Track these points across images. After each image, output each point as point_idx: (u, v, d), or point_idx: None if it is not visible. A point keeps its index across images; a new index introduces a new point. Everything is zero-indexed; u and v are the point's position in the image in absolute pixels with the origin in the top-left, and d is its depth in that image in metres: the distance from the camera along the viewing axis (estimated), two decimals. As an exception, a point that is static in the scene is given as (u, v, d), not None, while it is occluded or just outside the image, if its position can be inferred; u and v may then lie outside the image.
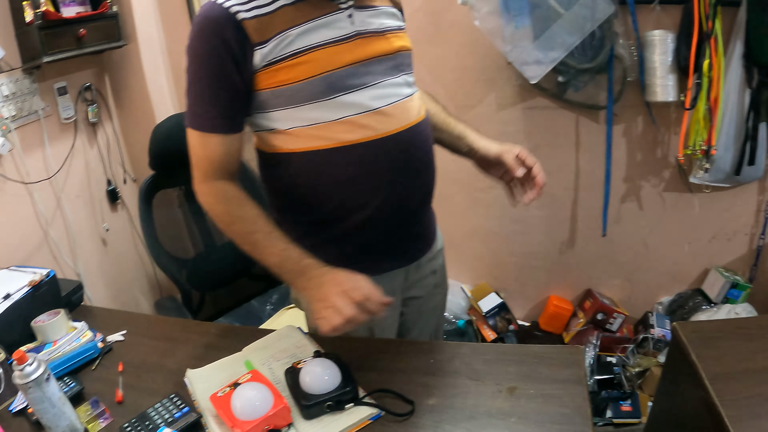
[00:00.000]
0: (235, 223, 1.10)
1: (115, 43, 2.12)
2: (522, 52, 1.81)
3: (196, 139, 1.08)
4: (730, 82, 1.85)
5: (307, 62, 1.00)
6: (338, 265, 1.06)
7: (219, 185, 1.10)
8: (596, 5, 1.76)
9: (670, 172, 1.99)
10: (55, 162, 2.09)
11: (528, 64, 1.82)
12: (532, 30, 1.80)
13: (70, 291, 1.70)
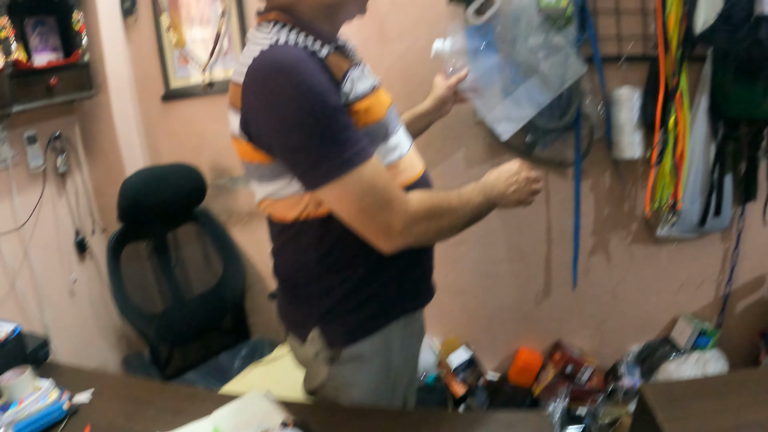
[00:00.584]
0: (443, 203, 1.06)
1: (86, 93, 2.12)
2: (493, 109, 1.84)
3: (370, 173, 0.96)
4: (696, 135, 1.90)
5: (371, 106, 1.02)
6: (388, 308, 1.13)
7: (416, 197, 1.02)
8: (568, 65, 1.80)
9: (638, 224, 2.02)
10: (23, 212, 2.06)
11: (499, 121, 1.85)
12: (502, 88, 1.84)
13: (36, 346, 1.66)
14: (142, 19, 2.26)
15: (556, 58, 1.77)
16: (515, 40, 1.79)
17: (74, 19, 2.07)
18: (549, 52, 1.79)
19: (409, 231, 0.99)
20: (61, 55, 2.12)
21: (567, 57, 1.78)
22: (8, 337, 1.53)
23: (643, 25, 1.89)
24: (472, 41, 1.65)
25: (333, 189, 0.94)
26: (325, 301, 1.10)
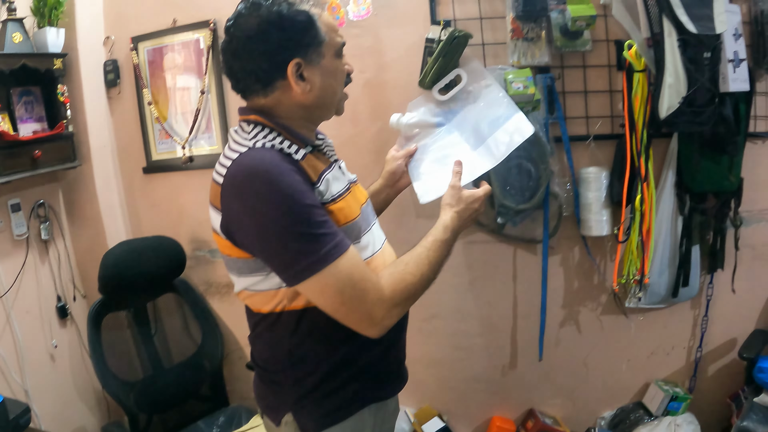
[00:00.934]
0: (414, 275, 1.08)
1: (70, 164, 2.16)
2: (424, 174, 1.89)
3: (347, 265, 0.99)
4: (663, 209, 1.95)
5: (344, 208, 1.08)
6: (360, 397, 1.16)
7: (389, 282, 1.05)
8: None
9: (607, 297, 2.07)
10: (6, 278, 2.09)
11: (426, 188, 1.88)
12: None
13: (18, 413, 1.71)
14: (125, 92, 2.32)
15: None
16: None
17: (59, 91, 2.12)
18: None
19: (389, 315, 1.04)
20: (45, 124, 2.17)
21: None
22: None
23: (611, 105, 1.96)
24: (433, 117, 1.65)
25: (313, 284, 0.98)
26: (298, 388, 1.13)
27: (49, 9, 2.08)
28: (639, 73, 1.80)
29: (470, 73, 1.64)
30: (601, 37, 1.91)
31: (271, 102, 1.09)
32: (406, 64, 1.95)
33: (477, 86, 1.59)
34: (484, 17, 1.92)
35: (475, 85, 1.60)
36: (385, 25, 2.00)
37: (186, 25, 2.17)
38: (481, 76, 1.60)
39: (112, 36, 2.29)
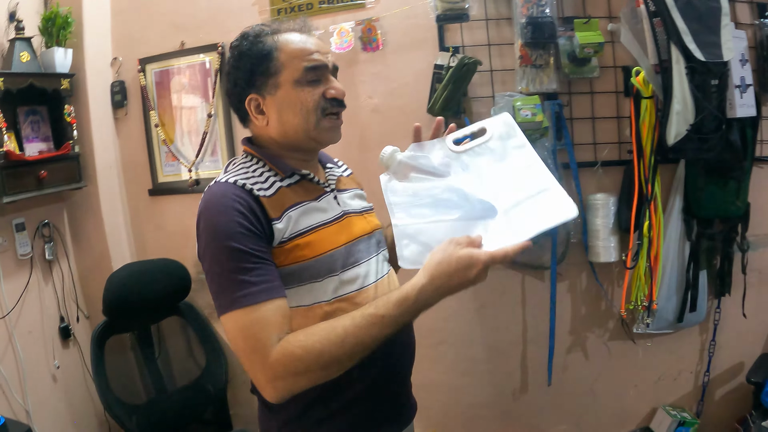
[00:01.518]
0: (311, 352, 0.94)
1: (75, 185, 2.16)
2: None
3: (246, 318, 0.95)
4: (671, 235, 1.95)
5: (314, 241, 1.04)
6: (354, 428, 1.12)
7: (279, 350, 0.94)
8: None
9: (614, 322, 2.06)
10: (9, 298, 2.08)
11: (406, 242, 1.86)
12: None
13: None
14: (132, 113, 2.32)
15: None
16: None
17: (66, 112, 2.12)
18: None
19: (274, 386, 0.95)
20: (51, 144, 2.17)
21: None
22: None
23: (618, 132, 1.96)
24: (437, 165, 1.20)
25: (224, 323, 0.98)
26: (284, 414, 1.11)
27: (57, 29, 2.09)
28: (646, 100, 1.81)
29: (498, 127, 1.19)
30: (608, 63, 1.92)
31: (255, 132, 1.14)
32: (415, 90, 1.96)
33: (504, 144, 1.18)
34: (492, 44, 1.93)
35: (502, 143, 1.19)
36: (393, 51, 2.01)
37: (194, 48, 2.18)
38: (512, 133, 1.19)
39: (119, 57, 2.30)
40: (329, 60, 1.09)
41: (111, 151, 2.33)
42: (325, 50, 1.11)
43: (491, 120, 1.18)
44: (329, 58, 1.09)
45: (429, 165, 1.15)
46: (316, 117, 1.06)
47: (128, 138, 2.35)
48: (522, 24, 1.84)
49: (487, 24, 1.92)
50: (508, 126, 1.18)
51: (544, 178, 1.08)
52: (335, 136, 1.11)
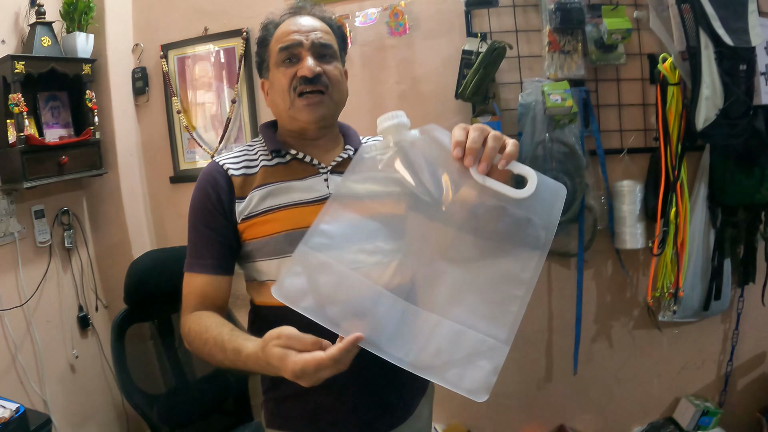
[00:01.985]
0: (197, 338, 1.05)
1: (96, 171, 2.14)
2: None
3: (186, 279, 1.12)
4: (695, 223, 1.94)
5: (274, 220, 1.07)
6: (302, 421, 1.13)
7: (195, 314, 1.09)
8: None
9: (639, 311, 2.05)
10: (28, 286, 2.05)
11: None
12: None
13: (38, 425, 1.67)
14: (153, 99, 2.31)
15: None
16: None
17: (87, 97, 2.09)
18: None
19: (185, 340, 1.10)
20: (71, 130, 2.14)
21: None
22: (12, 416, 1.55)
23: (644, 118, 1.96)
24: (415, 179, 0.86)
25: None
26: (264, 383, 1.18)
27: (80, 14, 2.07)
28: (673, 86, 1.80)
29: (545, 196, 0.79)
30: (634, 50, 1.91)
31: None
32: (442, 75, 1.95)
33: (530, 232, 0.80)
34: (520, 30, 1.92)
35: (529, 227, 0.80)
36: (421, 36, 2.01)
37: (218, 34, 2.16)
38: (550, 225, 0.79)
39: (141, 43, 2.28)
40: (309, 39, 1.09)
41: (132, 138, 2.31)
42: (307, 30, 1.10)
43: (548, 182, 0.79)
44: (310, 37, 1.09)
45: (405, 173, 0.83)
46: (290, 97, 1.09)
47: (149, 125, 2.33)
48: (551, 10, 1.84)
49: (514, 10, 1.91)
50: (555, 205, 0.78)
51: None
52: (311, 115, 1.09)
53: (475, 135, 0.80)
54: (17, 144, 1.89)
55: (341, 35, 1.19)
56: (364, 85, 2.06)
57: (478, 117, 1.87)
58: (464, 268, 0.81)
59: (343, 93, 1.15)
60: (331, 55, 1.11)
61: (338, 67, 1.13)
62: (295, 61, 1.09)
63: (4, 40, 1.98)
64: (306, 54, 1.08)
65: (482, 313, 0.77)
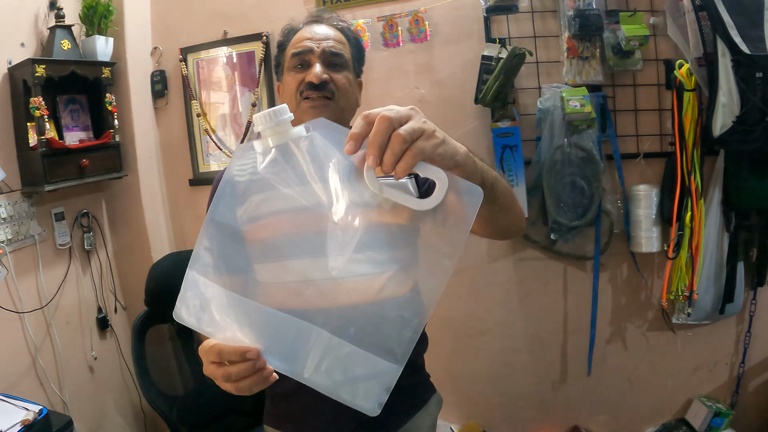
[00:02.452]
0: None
1: (116, 174, 2.15)
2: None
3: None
4: (710, 226, 1.96)
5: (268, 225, 1.02)
6: (291, 420, 1.16)
7: None
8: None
9: (654, 313, 2.07)
10: (48, 288, 2.07)
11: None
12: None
13: (60, 427, 1.68)
14: (173, 102, 2.33)
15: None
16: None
17: (107, 100, 2.11)
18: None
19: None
20: (91, 133, 2.16)
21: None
22: (36, 419, 1.57)
23: (660, 124, 1.98)
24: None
25: None
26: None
27: (99, 17, 2.08)
28: (689, 92, 1.82)
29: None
30: (650, 56, 1.93)
31: None
32: (462, 81, 1.97)
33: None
34: (538, 36, 1.94)
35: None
36: (440, 42, 2.02)
37: (237, 38, 2.18)
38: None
39: (159, 47, 2.30)
40: (320, 46, 1.13)
41: (151, 141, 2.33)
42: (320, 38, 1.14)
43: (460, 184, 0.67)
44: (322, 45, 1.13)
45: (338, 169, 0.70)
46: (296, 100, 1.13)
47: (168, 128, 2.35)
48: (570, 16, 1.85)
49: (532, 16, 1.93)
50: (467, 214, 0.67)
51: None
52: (313, 117, 1.06)
53: (382, 127, 0.64)
54: (38, 147, 1.90)
55: (357, 46, 1.22)
56: (383, 90, 2.08)
57: (497, 122, 1.89)
58: (359, 286, 0.73)
59: (351, 101, 1.17)
60: (342, 65, 1.15)
61: (347, 76, 1.15)
62: (305, 66, 1.13)
63: (23, 44, 1.99)
64: (316, 61, 1.12)
65: (376, 334, 0.70)
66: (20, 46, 1.98)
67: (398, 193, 0.66)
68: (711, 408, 2.07)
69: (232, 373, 0.71)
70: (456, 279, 2.14)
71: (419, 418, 1.24)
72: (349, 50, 1.17)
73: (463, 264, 2.12)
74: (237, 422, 2.11)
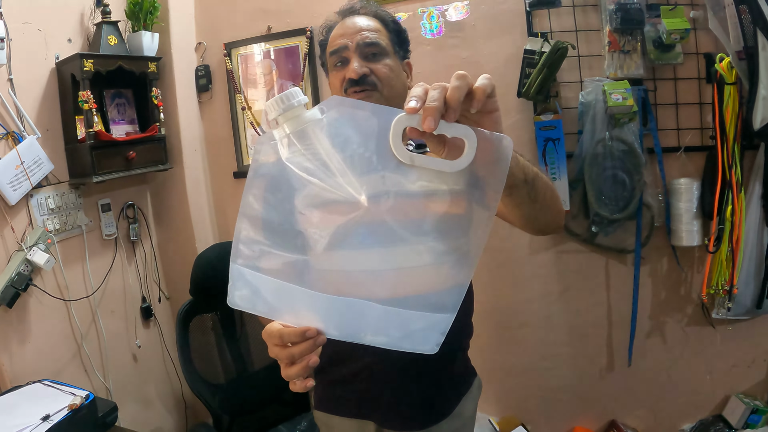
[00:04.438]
0: None
1: (162, 166, 2.20)
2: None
3: None
4: (750, 221, 1.95)
5: (299, 217, 0.99)
6: (346, 406, 1.19)
7: None
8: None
9: (694, 308, 2.06)
10: (95, 277, 2.12)
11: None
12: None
13: (105, 412, 1.72)
14: (217, 96, 2.37)
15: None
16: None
17: (153, 94, 2.15)
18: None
19: None
20: (136, 126, 2.21)
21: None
22: (83, 403, 1.60)
23: (700, 117, 1.98)
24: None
25: None
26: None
27: (145, 13, 2.13)
28: (730, 86, 1.82)
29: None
30: (690, 50, 1.93)
31: None
32: (504, 75, 1.98)
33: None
34: (579, 30, 1.95)
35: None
36: (482, 36, 2.04)
37: (281, 33, 2.21)
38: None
39: (204, 42, 2.35)
40: (354, 41, 1.14)
41: (195, 134, 2.37)
42: (352, 32, 1.15)
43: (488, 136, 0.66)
44: (355, 39, 1.14)
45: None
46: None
47: (213, 121, 2.39)
48: (611, 10, 1.87)
49: (574, 10, 1.94)
50: (499, 165, 0.67)
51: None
52: None
53: (435, 93, 0.62)
54: (87, 140, 1.95)
55: (396, 30, 1.22)
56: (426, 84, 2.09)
57: (540, 115, 1.90)
58: (397, 257, 0.72)
59: (397, 88, 1.17)
60: (380, 53, 1.15)
61: (388, 63, 1.15)
62: (344, 63, 1.15)
63: (70, 39, 2.05)
64: (352, 56, 1.13)
65: (428, 296, 0.72)
66: (67, 42, 2.03)
67: (428, 158, 0.65)
68: (748, 405, 2.06)
69: (294, 353, 0.72)
70: (497, 271, 2.15)
71: (466, 401, 1.27)
72: (386, 35, 1.18)
73: (505, 257, 2.14)
74: (277, 411, 2.14)
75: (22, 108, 1.84)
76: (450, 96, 0.62)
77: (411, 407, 1.17)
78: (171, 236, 2.39)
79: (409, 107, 0.62)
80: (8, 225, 1.80)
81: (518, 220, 0.97)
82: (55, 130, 1.98)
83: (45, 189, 1.92)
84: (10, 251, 1.81)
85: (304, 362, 0.72)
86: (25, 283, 1.81)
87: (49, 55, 1.97)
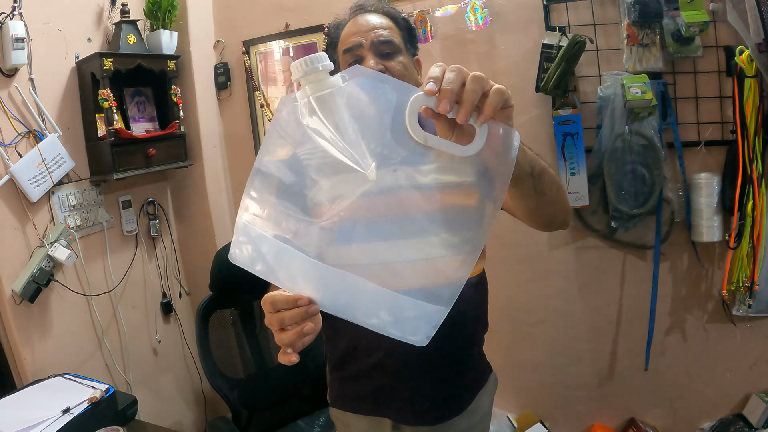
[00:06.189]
0: None
1: (182, 163, 2.22)
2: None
3: None
4: (770, 216, 1.94)
5: (311, 184, 1.00)
6: (362, 401, 1.20)
7: None
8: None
9: (713, 305, 2.04)
10: (115, 273, 2.15)
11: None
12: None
13: (125, 405, 1.74)
14: (236, 94, 2.39)
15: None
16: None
17: (173, 92, 2.18)
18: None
19: None
20: (156, 124, 2.23)
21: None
22: (103, 396, 1.62)
23: (721, 111, 1.95)
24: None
25: None
26: (332, 361, 1.27)
27: (164, 12, 2.16)
28: (750, 79, 1.80)
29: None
30: (710, 43, 1.91)
31: None
32: (522, 69, 1.98)
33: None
34: (597, 23, 1.94)
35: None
36: (499, 31, 2.04)
37: (299, 29, 2.22)
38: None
39: (222, 40, 2.36)
40: (369, 38, 1.12)
41: (215, 131, 2.40)
42: (366, 29, 1.13)
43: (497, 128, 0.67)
44: (370, 36, 1.13)
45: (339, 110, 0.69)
46: None
47: (232, 118, 2.41)
48: (629, 3, 1.85)
49: (591, 3, 1.93)
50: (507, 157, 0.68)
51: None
52: None
53: (452, 75, 0.63)
54: (107, 137, 1.97)
55: (407, 27, 1.22)
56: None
57: (558, 109, 1.90)
58: (400, 240, 0.73)
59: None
60: (394, 51, 1.14)
61: (402, 61, 1.15)
62: (359, 62, 1.13)
63: (90, 39, 2.07)
64: (367, 54, 1.12)
65: (424, 284, 0.72)
66: (87, 41, 2.06)
67: (440, 140, 0.66)
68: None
69: (285, 318, 0.72)
70: (516, 267, 2.14)
71: (481, 397, 1.27)
72: (399, 33, 1.17)
73: (523, 252, 2.13)
74: (296, 406, 2.15)
75: (43, 106, 1.87)
76: (465, 98, 0.63)
77: (426, 403, 1.18)
78: (191, 232, 2.42)
79: (427, 89, 0.64)
80: (30, 221, 1.83)
81: (523, 213, 0.97)
82: (75, 128, 2.01)
83: (66, 186, 1.95)
84: (32, 247, 1.84)
85: (298, 328, 0.71)
86: (47, 278, 1.84)
87: (70, 55, 2.00)
